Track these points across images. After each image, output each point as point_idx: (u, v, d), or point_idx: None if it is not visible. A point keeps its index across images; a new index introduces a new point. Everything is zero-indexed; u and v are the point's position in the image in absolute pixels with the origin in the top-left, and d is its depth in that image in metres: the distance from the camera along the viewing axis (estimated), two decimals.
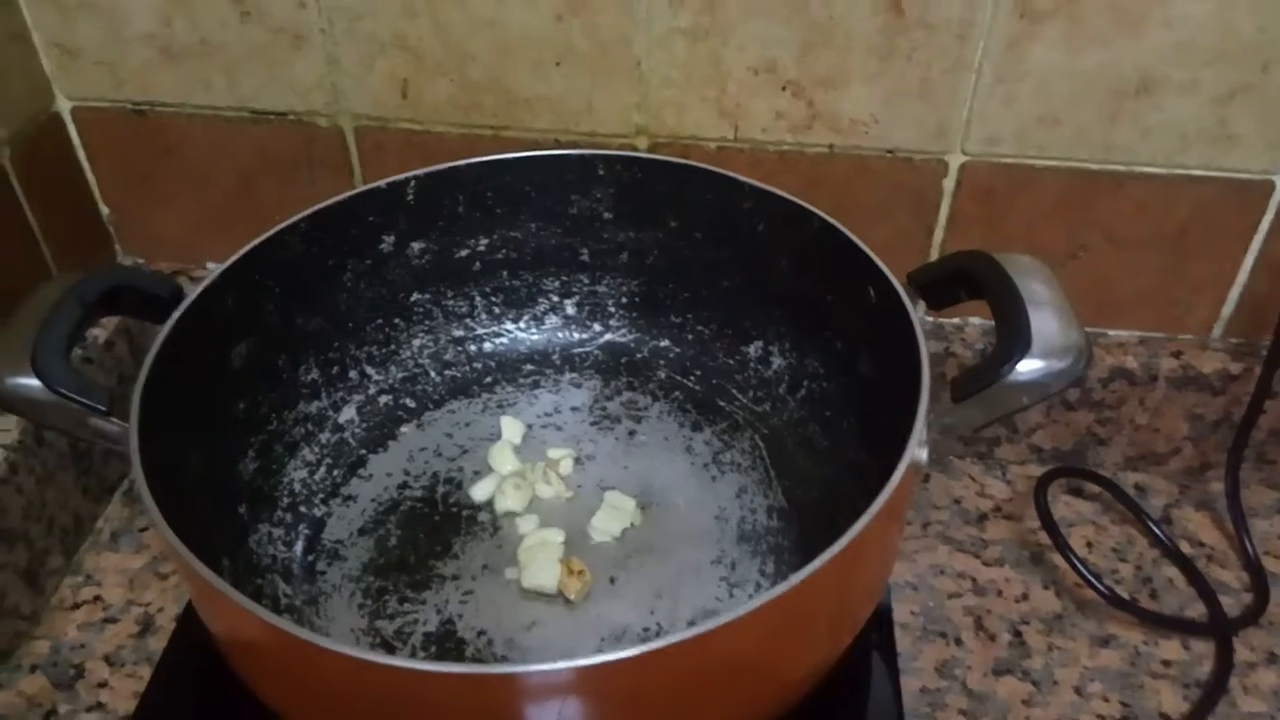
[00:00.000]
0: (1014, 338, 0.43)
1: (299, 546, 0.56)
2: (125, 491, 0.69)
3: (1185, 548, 0.66)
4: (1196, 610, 0.63)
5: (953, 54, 0.57)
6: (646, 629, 0.52)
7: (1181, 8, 0.54)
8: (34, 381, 0.43)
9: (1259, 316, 0.65)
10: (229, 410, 0.54)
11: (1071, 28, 0.56)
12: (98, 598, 0.63)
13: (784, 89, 0.60)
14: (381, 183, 0.58)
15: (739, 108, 0.61)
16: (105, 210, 0.71)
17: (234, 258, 0.53)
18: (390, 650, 0.51)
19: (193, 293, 0.50)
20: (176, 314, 0.48)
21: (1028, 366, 0.42)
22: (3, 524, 0.58)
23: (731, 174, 0.58)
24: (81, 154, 0.69)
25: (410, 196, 0.59)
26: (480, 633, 0.52)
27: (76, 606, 0.62)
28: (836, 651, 0.45)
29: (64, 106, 0.66)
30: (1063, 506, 0.69)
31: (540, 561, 0.54)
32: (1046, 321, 0.44)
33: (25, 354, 0.44)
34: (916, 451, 0.42)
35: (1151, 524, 0.65)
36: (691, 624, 0.50)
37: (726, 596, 0.53)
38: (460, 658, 0.51)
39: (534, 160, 0.61)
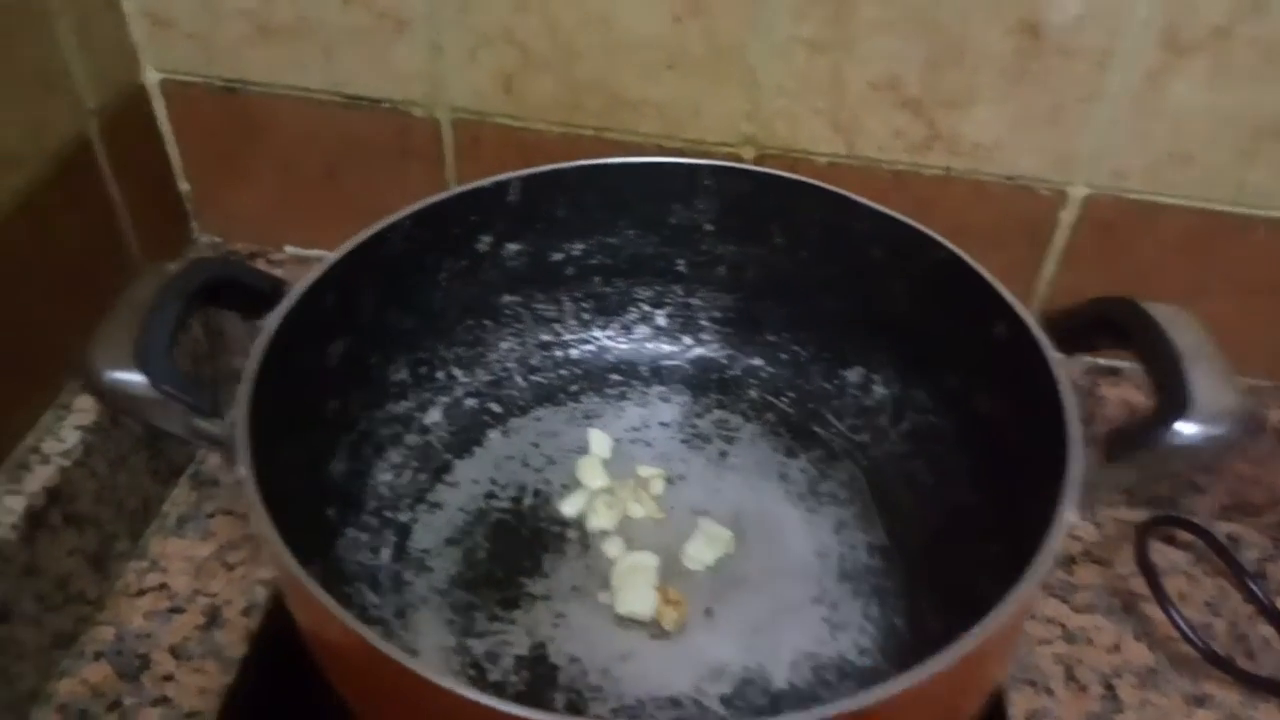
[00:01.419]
0: (1172, 398, 0.41)
1: (385, 554, 0.54)
2: (192, 475, 0.68)
3: None
4: None
5: (1089, 82, 0.55)
6: (746, 668, 0.50)
7: None
8: (138, 377, 0.41)
9: None
10: (322, 410, 0.52)
11: (1218, 63, 0.53)
12: (163, 585, 0.61)
13: (904, 107, 0.57)
14: (486, 182, 0.56)
15: (855, 123, 0.59)
16: (185, 187, 0.69)
17: (338, 254, 0.50)
18: (481, 672, 0.49)
19: (298, 289, 0.48)
20: (282, 310, 0.46)
21: (1187, 430, 0.40)
22: (75, 508, 0.57)
23: (849, 194, 0.55)
24: (166, 128, 0.67)
25: (512, 197, 0.57)
26: (573, 660, 0.50)
27: (142, 593, 0.61)
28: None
29: (151, 79, 0.64)
30: (1153, 554, 0.66)
31: (635, 587, 0.52)
32: (1205, 382, 0.41)
33: (128, 348, 0.42)
34: (1068, 514, 0.40)
35: (1249, 580, 0.63)
36: (794, 665, 0.49)
37: (829, 639, 0.51)
38: (553, 686, 0.49)
39: (640, 167, 0.58)
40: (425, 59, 0.60)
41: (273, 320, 0.46)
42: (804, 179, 0.56)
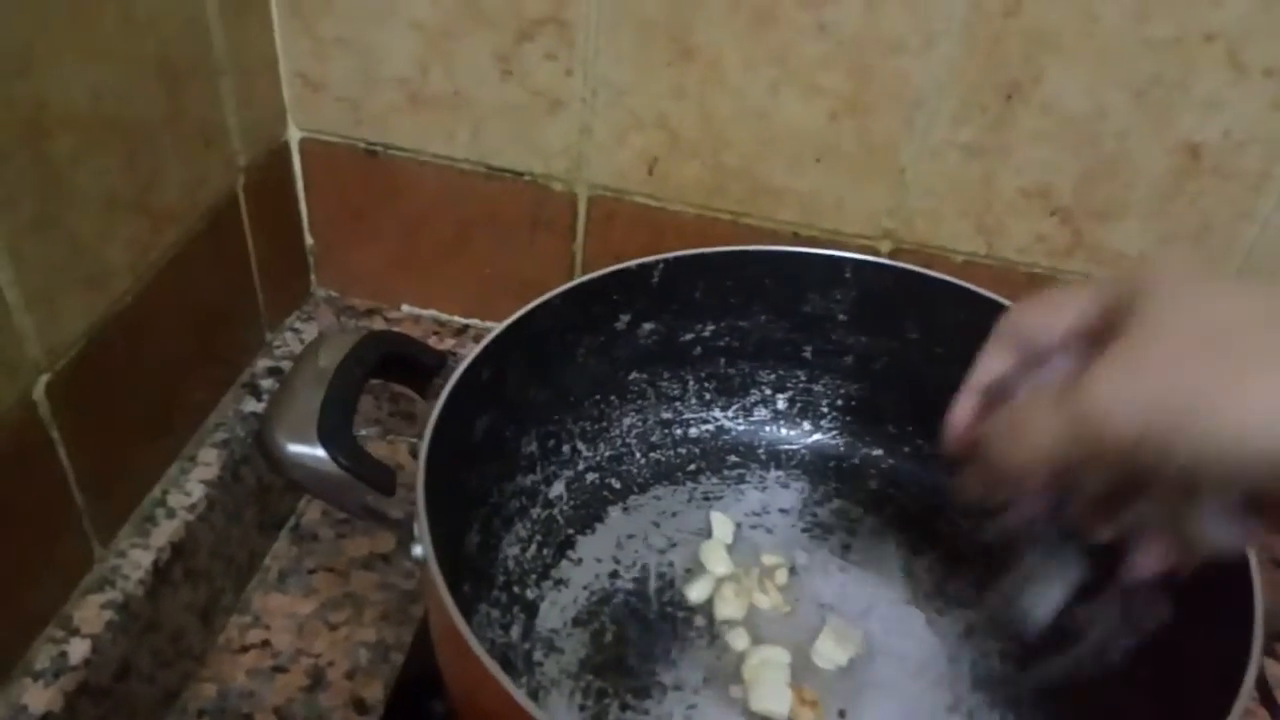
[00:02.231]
0: None
1: (515, 631, 0.54)
2: (292, 529, 0.68)
3: None
4: None
5: (1240, 204, 0.55)
6: None
7: None
8: (320, 452, 0.42)
9: None
10: (464, 483, 0.52)
11: None
12: (266, 642, 0.61)
13: (1052, 214, 0.58)
14: (632, 264, 0.56)
15: (999, 226, 0.59)
16: (310, 241, 0.70)
17: (496, 331, 0.51)
18: None
19: (461, 364, 0.48)
20: (449, 386, 0.47)
21: None
22: (193, 562, 0.57)
23: (996, 297, 0.55)
24: (299, 184, 0.67)
25: (655, 278, 0.57)
26: None
27: (245, 650, 0.60)
28: None
29: (294, 136, 0.65)
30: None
31: (769, 684, 0.51)
32: None
33: (310, 421, 0.42)
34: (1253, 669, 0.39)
35: None
36: None
37: None
38: None
39: (782, 255, 0.59)
40: (574, 138, 0.61)
41: (441, 396, 0.46)
42: (949, 279, 0.57)
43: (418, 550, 0.40)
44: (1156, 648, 0.46)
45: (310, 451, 0.41)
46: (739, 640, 0.54)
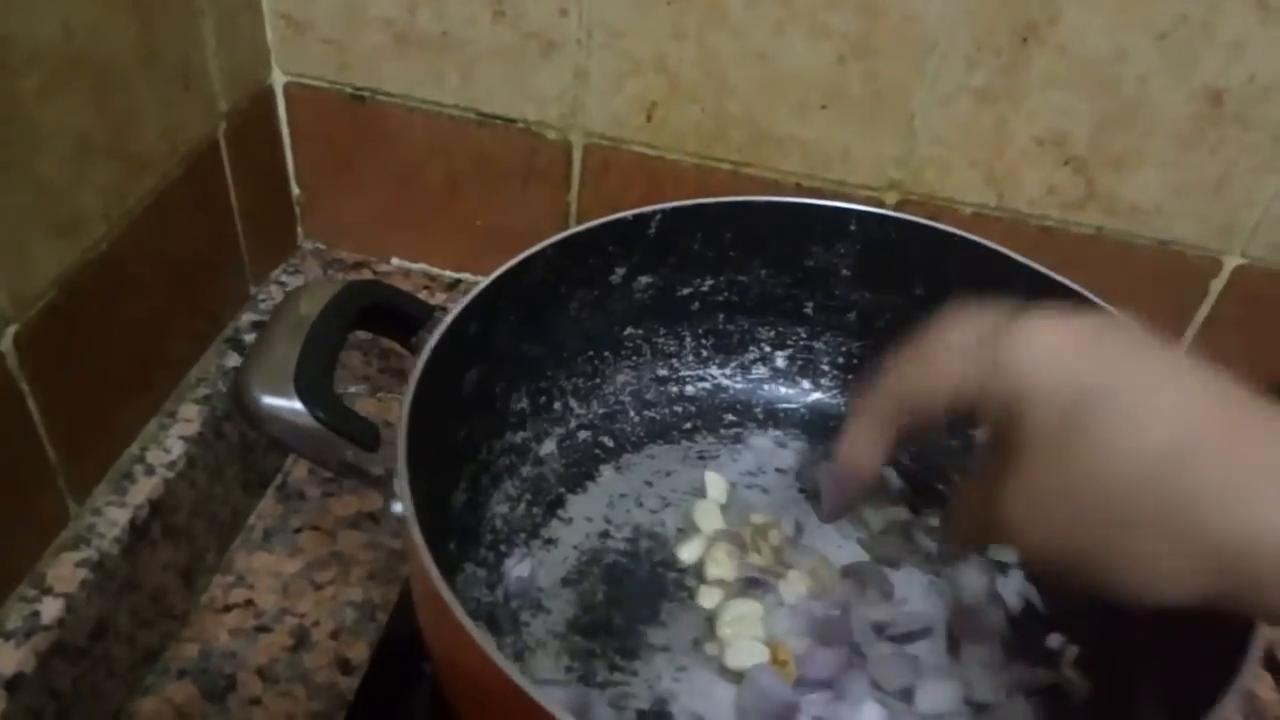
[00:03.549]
0: None
1: (501, 590, 0.52)
2: (279, 487, 0.66)
3: None
4: None
5: (1263, 153, 0.53)
6: None
7: None
8: (296, 405, 0.40)
9: None
10: (453, 439, 0.51)
11: None
12: (250, 601, 0.59)
13: (1066, 164, 0.56)
14: (628, 214, 0.54)
15: (1009, 176, 0.57)
16: (296, 191, 0.68)
17: (485, 283, 0.49)
18: None
19: (448, 316, 0.46)
20: (433, 341, 0.45)
21: None
22: (173, 520, 0.55)
23: (1007, 252, 0.53)
24: (285, 131, 0.65)
25: (652, 230, 0.55)
26: (697, 718, 0.48)
27: (227, 609, 0.59)
28: None
29: (278, 80, 0.63)
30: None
31: (744, 640, 0.50)
32: None
33: (286, 374, 0.40)
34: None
35: None
36: None
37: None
38: None
39: (784, 206, 0.57)
40: (568, 82, 0.59)
41: (425, 350, 0.44)
42: (958, 231, 0.55)
43: (398, 508, 0.38)
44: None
45: (287, 404, 0.40)
46: (727, 600, 0.53)
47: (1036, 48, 0.52)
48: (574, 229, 0.52)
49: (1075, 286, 0.52)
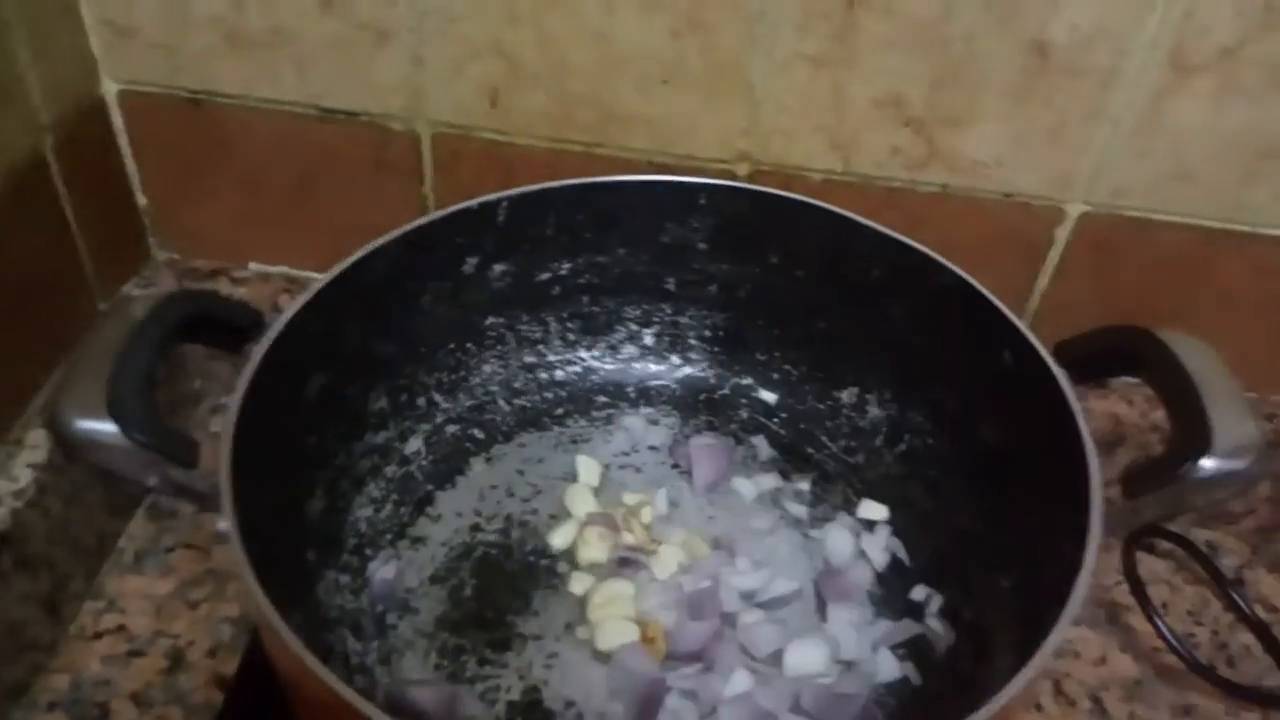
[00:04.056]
0: (1192, 434, 0.40)
1: (366, 596, 0.51)
2: (149, 507, 0.64)
3: (1260, 612, 0.64)
4: (1275, 679, 0.60)
5: (1092, 101, 0.54)
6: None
7: None
8: (110, 426, 0.38)
9: None
10: (300, 447, 0.50)
11: (1223, 84, 0.52)
12: (122, 627, 0.58)
13: (906, 125, 0.56)
14: (473, 203, 0.53)
15: (853, 140, 0.57)
16: (143, 201, 0.66)
17: (320, 284, 0.48)
18: None
19: (279, 322, 0.45)
20: (264, 347, 0.44)
21: (1207, 465, 0.39)
22: (25, 550, 0.53)
23: (851, 215, 0.54)
24: (124, 141, 0.63)
25: (501, 217, 0.55)
26: (569, 704, 0.48)
27: (98, 636, 0.57)
28: None
29: (109, 90, 0.61)
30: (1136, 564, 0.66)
31: (613, 621, 0.50)
32: (1224, 416, 0.40)
33: (99, 394, 0.39)
34: (1092, 556, 0.38)
35: (1229, 588, 0.63)
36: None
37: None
38: None
39: (633, 185, 0.56)
40: (407, 71, 0.57)
41: (254, 358, 0.43)
42: (805, 199, 0.55)
43: (223, 525, 0.37)
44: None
45: (100, 426, 0.38)
46: (598, 583, 0.53)
47: (863, 11, 0.52)
48: (416, 222, 0.52)
49: (919, 246, 0.53)
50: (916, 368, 0.56)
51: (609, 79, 0.56)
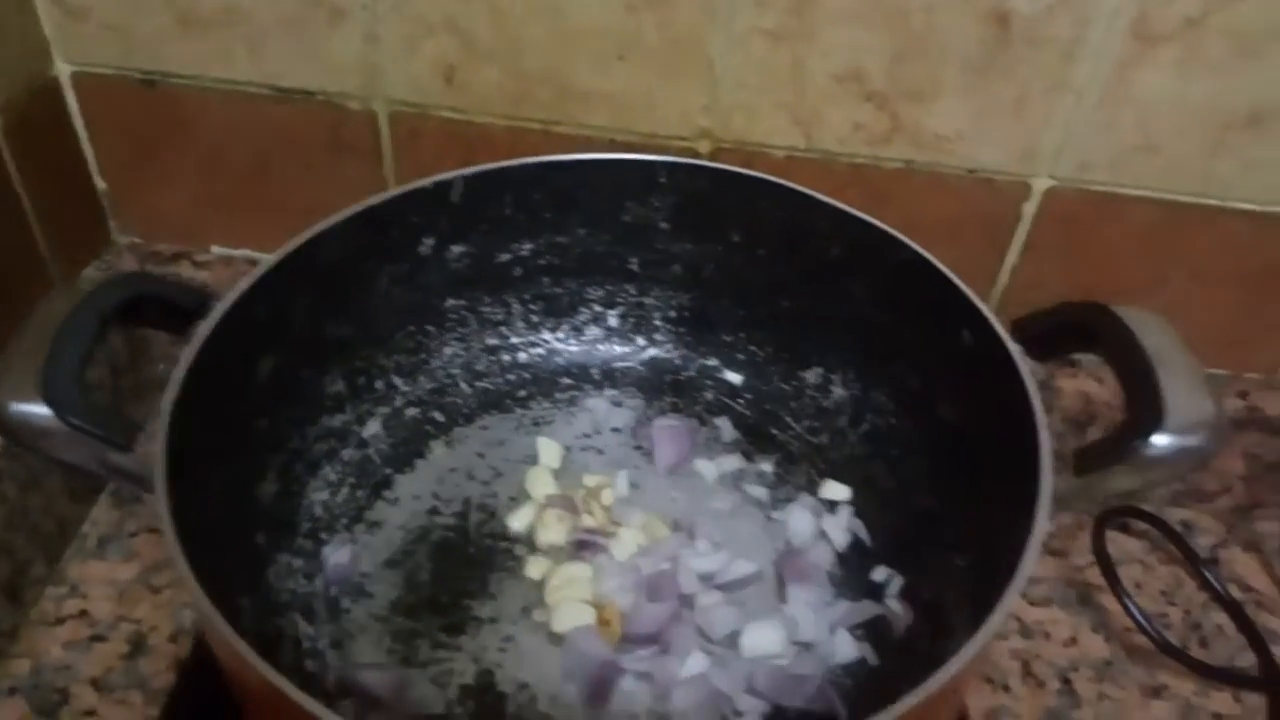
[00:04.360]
0: (1146, 410, 0.39)
1: (320, 580, 0.51)
2: (113, 492, 0.64)
3: (1234, 592, 0.63)
4: (1247, 659, 0.60)
5: (1055, 73, 0.53)
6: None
7: None
8: (43, 409, 0.38)
9: None
10: (250, 430, 0.49)
11: (1187, 54, 0.51)
12: (84, 612, 0.57)
13: (868, 100, 0.55)
14: (427, 182, 0.53)
15: (815, 116, 0.56)
16: (102, 185, 0.65)
17: (269, 263, 0.47)
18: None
19: (223, 303, 0.44)
20: (206, 329, 0.43)
21: (1161, 442, 0.39)
22: None
23: (810, 192, 0.53)
24: (79, 124, 0.62)
25: (456, 197, 0.54)
26: (522, 686, 0.48)
27: (60, 621, 0.57)
28: None
29: (63, 72, 0.60)
30: (1108, 543, 0.65)
31: (570, 603, 0.50)
32: (1179, 392, 0.40)
33: (33, 377, 0.38)
34: (1042, 531, 0.38)
35: (1203, 568, 0.62)
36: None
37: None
38: (501, 715, 0.47)
39: (592, 164, 0.55)
40: (361, 49, 0.57)
41: (195, 341, 0.43)
42: (764, 176, 0.54)
43: (157, 507, 0.37)
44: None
45: (33, 410, 0.38)
46: (538, 569, 0.52)
47: None
48: (368, 201, 0.51)
49: (877, 223, 0.52)
50: (879, 347, 0.55)
51: (564, 55, 0.55)
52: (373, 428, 0.57)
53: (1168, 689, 0.58)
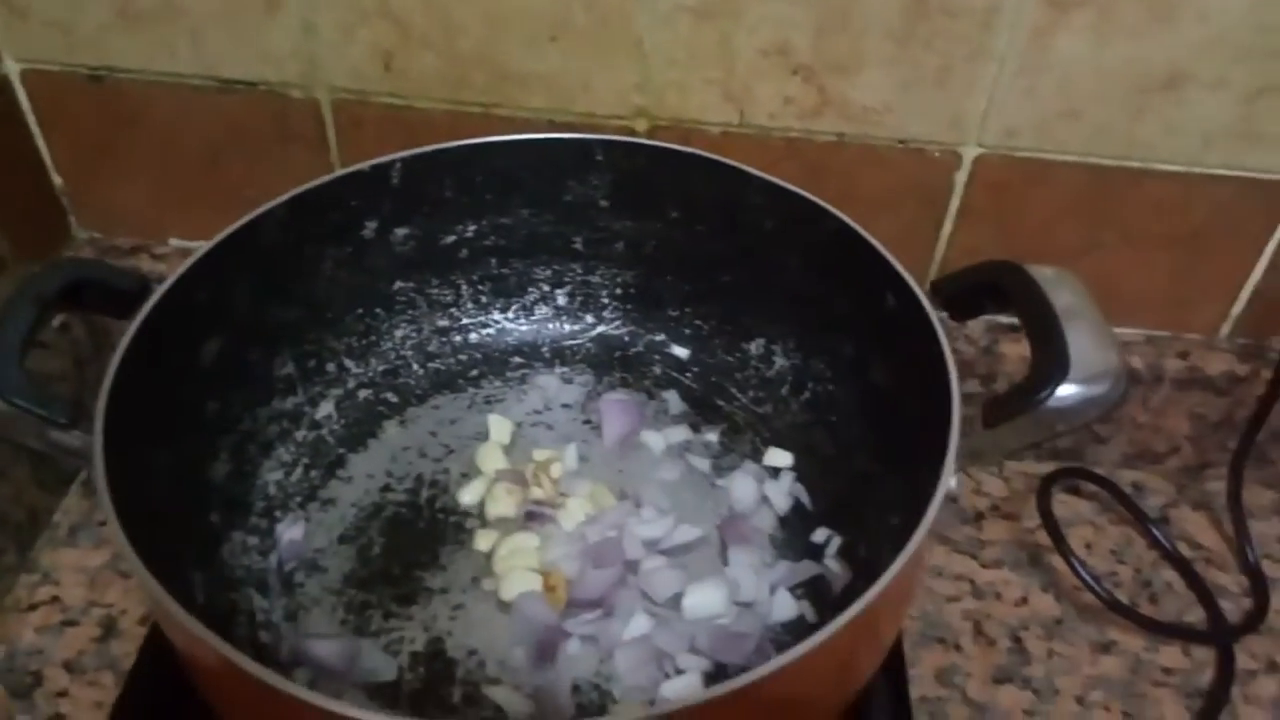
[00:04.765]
0: (1051, 361, 0.41)
1: (274, 557, 0.52)
2: (84, 482, 0.66)
3: (1184, 550, 0.65)
4: (1196, 615, 0.62)
5: (974, 41, 0.54)
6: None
7: (1217, 0, 0.52)
8: None
9: (1269, 317, 0.64)
10: (199, 411, 0.50)
11: (1101, 18, 0.53)
12: (55, 598, 0.59)
13: (795, 73, 0.56)
14: (365, 165, 0.54)
15: (746, 92, 0.58)
16: (59, 181, 0.66)
17: (206, 248, 0.48)
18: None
19: (161, 287, 0.46)
20: (143, 313, 0.44)
21: (1065, 392, 0.40)
22: None
23: (741, 166, 0.54)
24: (32, 120, 0.63)
25: (395, 180, 0.55)
26: (471, 652, 0.49)
27: (33, 608, 0.58)
28: (865, 679, 0.43)
29: (12, 69, 0.61)
30: (1059, 505, 0.67)
31: (517, 572, 0.51)
32: (1084, 344, 0.41)
33: None
34: (949, 481, 0.39)
35: (1153, 527, 0.64)
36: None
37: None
38: (450, 680, 0.48)
39: (527, 144, 0.57)
40: (299, 38, 0.58)
41: (133, 323, 0.44)
42: (696, 151, 0.55)
43: (97, 483, 0.38)
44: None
45: None
46: (485, 541, 0.54)
47: None
48: (304, 186, 0.52)
49: (806, 194, 0.53)
50: (815, 316, 0.57)
51: (497, 38, 0.57)
52: (325, 409, 0.58)
53: (1117, 645, 0.59)
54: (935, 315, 0.45)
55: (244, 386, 0.54)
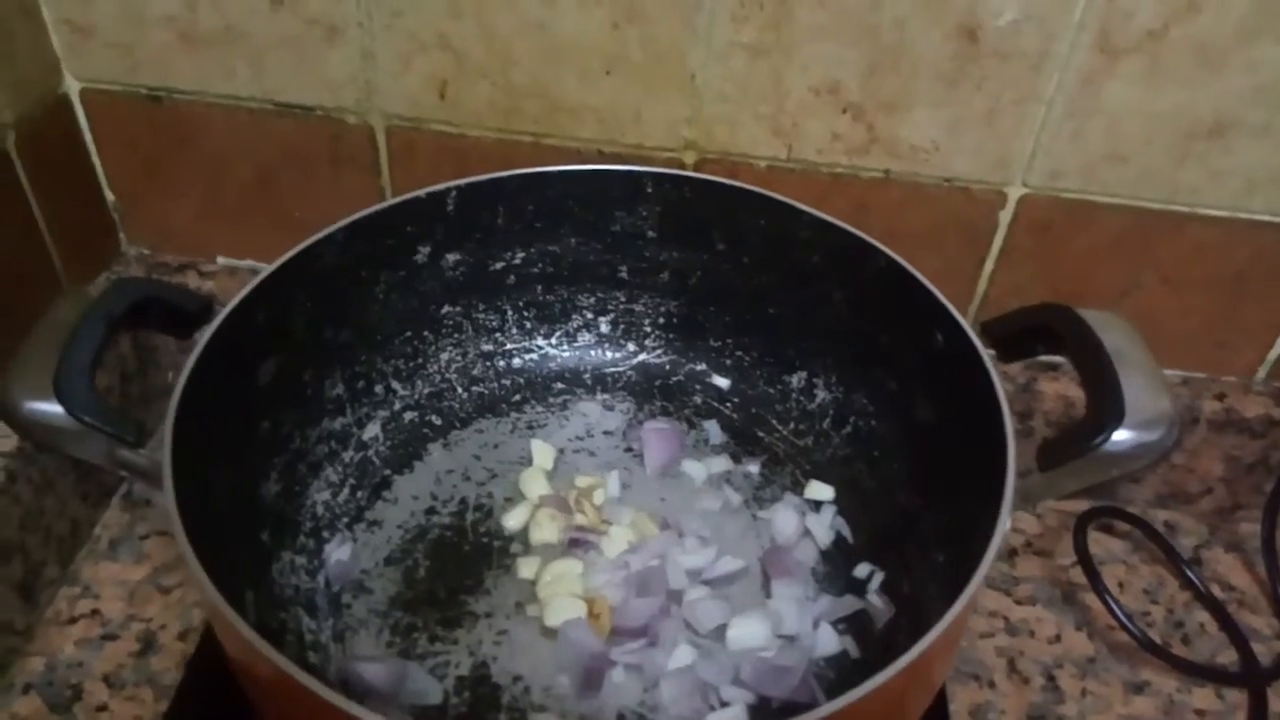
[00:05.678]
0: (1107, 407, 0.41)
1: (322, 577, 0.53)
2: (124, 496, 0.66)
3: (1216, 591, 0.65)
4: (1228, 657, 0.61)
5: (1024, 85, 0.55)
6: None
7: (1266, 51, 0.52)
8: (56, 408, 0.40)
9: None
10: (254, 431, 0.51)
11: (1152, 66, 0.53)
12: (96, 611, 0.59)
13: (844, 111, 0.57)
14: (421, 192, 0.55)
15: (795, 128, 0.58)
16: (111, 198, 0.67)
17: (269, 270, 0.49)
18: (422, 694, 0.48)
19: (225, 309, 0.47)
20: (209, 334, 0.45)
21: (1121, 437, 0.40)
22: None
23: (790, 201, 0.55)
24: (89, 138, 0.64)
25: (450, 207, 0.56)
26: (516, 678, 0.50)
27: (73, 621, 0.59)
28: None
29: (72, 88, 0.62)
30: (1093, 544, 0.67)
31: (561, 598, 0.51)
32: (1137, 389, 0.42)
33: (47, 377, 0.40)
34: (1005, 524, 0.40)
35: (1186, 568, 0.64)
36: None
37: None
38: (497, 706, 0.48)
39: (579, 175, 0.58)
40: (357, 66, 0.59)
41: (198, 344, 0.45)
42: (745, 186, 0.56)
43: (165, 502, 0.39)
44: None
45: (46, 407, 0.40)
46: (529, 568, 0.54)
47: (796, 1, 0.53)
48: (364, 211, 0.53)
49: (854, 230, 0.54)
50: (859, 351, 0.57)
51: (552, 70, 0.58)
52: (372, 430, 0.59)
53: (1150, 685, 0.59)
54: (989, 358, 0.46)
55: (297, 406, 0.54)
